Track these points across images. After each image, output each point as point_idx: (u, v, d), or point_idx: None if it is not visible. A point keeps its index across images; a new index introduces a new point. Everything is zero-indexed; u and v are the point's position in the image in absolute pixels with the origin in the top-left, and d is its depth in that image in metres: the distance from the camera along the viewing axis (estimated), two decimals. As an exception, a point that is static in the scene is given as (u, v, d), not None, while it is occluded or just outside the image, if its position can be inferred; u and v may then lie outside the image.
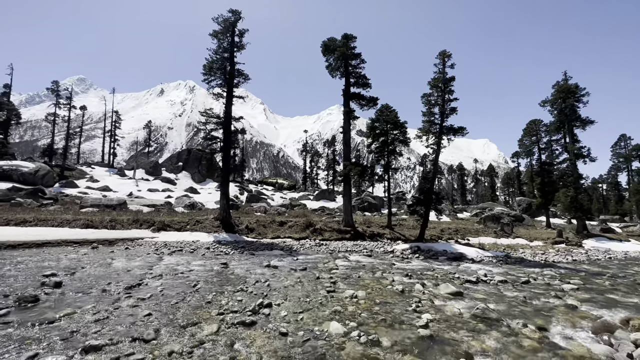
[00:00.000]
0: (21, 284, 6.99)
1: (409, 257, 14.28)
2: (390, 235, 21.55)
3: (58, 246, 12.80)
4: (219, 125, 20.05)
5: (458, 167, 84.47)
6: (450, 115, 19.35)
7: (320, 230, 20.56)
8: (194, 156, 51.92)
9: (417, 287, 8.20)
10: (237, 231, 19.04)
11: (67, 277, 7.81)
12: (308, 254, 13.98)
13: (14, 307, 5.49)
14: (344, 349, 4.44)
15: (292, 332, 4.92)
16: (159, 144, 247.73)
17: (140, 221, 18.40)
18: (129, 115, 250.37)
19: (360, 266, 11.32)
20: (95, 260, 10.26)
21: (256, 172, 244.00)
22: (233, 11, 20.80)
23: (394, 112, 23.16)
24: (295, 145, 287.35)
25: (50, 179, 34.22)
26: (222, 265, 10.26)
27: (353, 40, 22.24)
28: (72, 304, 5.81)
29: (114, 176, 43.45)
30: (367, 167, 23.94)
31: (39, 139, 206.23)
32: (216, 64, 19.81)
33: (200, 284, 7.71)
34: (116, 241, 14.42)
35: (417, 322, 5.56)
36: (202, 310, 5.75)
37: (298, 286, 7.87)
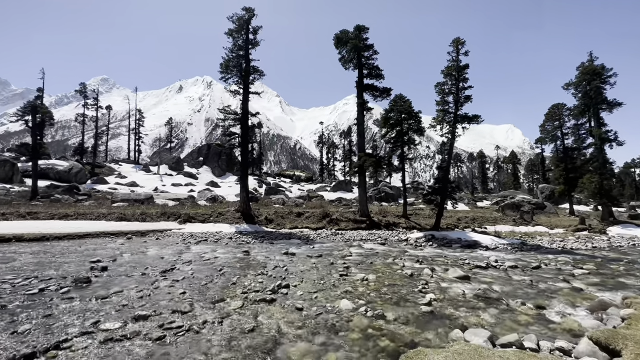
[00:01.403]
0: (74, 269, 8.06)
1: (422, 245, 14.68)
2: (406, 225, 21.88)
3: (97, 237, 14.13)
4: (237, 122, 20.90)
5: (478, 154, 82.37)
6: (465, 104, 19.24)
7: (337, 221, 21.19)
8: (213, 151, 53.59)
9: (426, 271, 8.68)
10: (257, 222, 19.99)
11: (111, 263, 8.86)
12: (324, 242, 14.67)
13: (72, 286, 6.48)
14: (352, 321, 5.06)
15: (306, 308, 5.59)
16: (180, 139, 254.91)
17: (167, 214, 19.69)
18: (150, 113, 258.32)
19: (374, 253, 11.87)
20: (131, 249, 11.38)
21: (274, 164, 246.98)
22: (247, 9, 21.36)
23: (407, 102, 23.18)
24: (312, 136, 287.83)
25: (83, 176, 36.61)
26: (243, 253, 11.12)
27: (365, 31, 22.30)
28: (119, 284, 6.75)
29: (140, 172, 45.74)
30: (382, 158, 24.20)
31: (69, 138, 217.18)
32: (232, 62, 20.55)
33: (225, 268, 8.55)
34: (147, 232, 15.66)
35: (421, 301, 6.10)
36: (228, 290, 6.54)
37: (313, 270, 8.56)
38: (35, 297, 5.78)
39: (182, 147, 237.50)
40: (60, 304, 5.47)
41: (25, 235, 12.90)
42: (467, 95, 19.02)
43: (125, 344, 4.11)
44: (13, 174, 31.52)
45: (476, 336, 4.13)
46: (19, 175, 32.00)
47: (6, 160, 32.05)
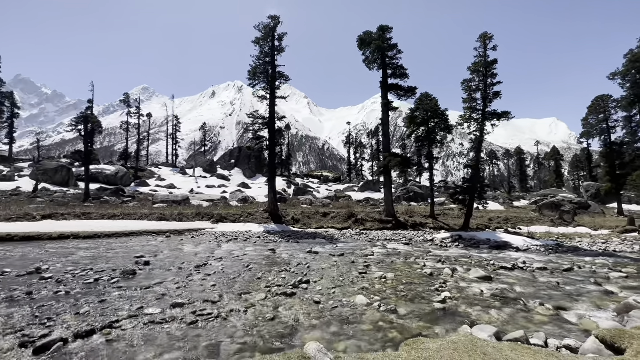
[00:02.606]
0: (122, 263, 9.11)
1: (448, 246, 14.50)
2: (433, 225, 21.55)
3: (140, 235, 15.53)
4: (264, 126, 21.81)
5: (516, 150, 77.91)
6: (494, 100, 18.62)
7: (362, 221, 21.38)
8: (244, 154, 55.67)
9: (446, 271, 8.73)
10: (284, 222, 20.73)
11: (152, 258, 9.86)
12: (348, 242, 14.99)
13: (121, 277, 7.41)
14: (365, 315, 5.39)
15: (324, 302, 6.00)
16: (213, 143, 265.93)
17: (201, 214, 21.02)
18: (186, 118, 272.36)
19: (396, 253, 12.00)
20: (170, 247, 12.47)
21: (302, 165, 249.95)
22: (272, 17, 22.22)
23: (434, 101, 22.80)
24: (340, 137, 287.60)
25: (128, 179, 39.76)
26: (270, 251, 11.77)
27: (389, 31, 22.28)
28: (159, 277, 7.60)
29: (177, 175, 48.72)
30: (407, 158, 24.00)
31: (115, 144, 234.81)
32: (259, 69, 21.49)
33: (252, 265, 9.20)
34: (184, 231, 16.91)
35: (435, 299, 6.27)
36: (254, 284, 7.13)
37: (334, 268, 8.94)
38: (92, 286, 6.73)
39: (215, 150, 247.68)
40: (111, 291, 6.35)
41: (80, 233, 14.55)
42: (496, 91, 18.41)
43: (164, 327, 4.77)
44: (69, 179, 35.03)
45: (482, 332, 4.29)
46: (73, 180, 35.51)
47: (63, 166, 35.70)
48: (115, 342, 4.27)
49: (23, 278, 7.24)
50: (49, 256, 10.02)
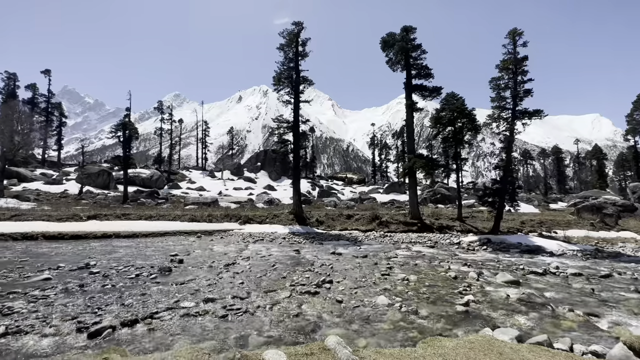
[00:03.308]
0: (158, 260, 9.82)
1: (476, 249, 14.13)
2: (461, 228, 20.99)
3: (174, 235, 16.50)
4: (289, 129, 22.34)
5: (553, 149, 73.50)
6: (525, 98, 17.89)
7: (386, 223, 21.25)
8: (269, 157, 56.94)
9: (472, 275, 8.60)
10: (309, 224, 21.08)
11: (185, 256, 10.52)
12: (371, 244, 15.04)
13: (158, 274, 8.03)
14: (386, 315, 5.52)
15: (346, 301, 6.19)
16: (240, 146, 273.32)
17: (230, 216, 21.88)
18: (214, 123, 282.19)
19: (420, 255, 11.92)
20: (201, 246, 13.19)
21: (327, 167, 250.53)
22: (296, 23, 22.76)
23: (460, 100, 22.25)
24: (365, 138, 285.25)
25: (161, 182, 42.03)
26: (295, 252, 12.12)
27: (413, 32, 22.06)
28: (192, 274, 8.15)
29: (206, 178, 50.76)
30: (432, 159, 23.57)
31: (150, 149, 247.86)
32: (284, 75, 22.08)
33: (277, 265, 9.57)
34: (213, 232, 17.73)
35: (458, 301, 6.25)
36: (279, 282, 7.46)
37: (357, 269, 9.10)
38: (133, 281, 7.37)
39: (242, 153, 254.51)
40: (151, 286, 6.93)
41: (121, 232, 15.73)
42: (526, 89, 17.69)
43: (198, 319, 5.19)
44: (109, 182, 37.66)
45: (504, 334, 4.29)
46: (113, 183, 38.12)
47: (104, 171, 38.45)
48: (155, 330, 4.73)
49: (75, 272, 8.06)
50: (95, 253, 11.00)
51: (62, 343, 4.24)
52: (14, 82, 47.88)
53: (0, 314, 5.11)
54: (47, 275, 7.51)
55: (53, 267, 8.47)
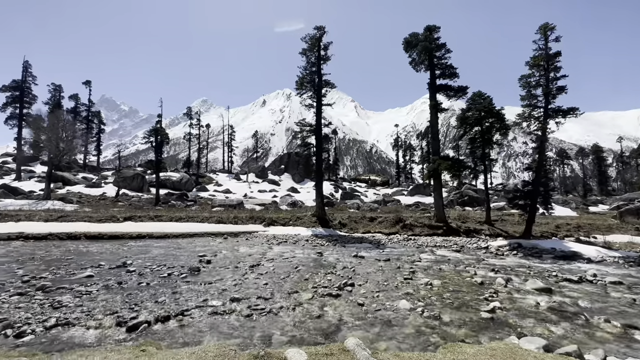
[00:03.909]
0: (188, 260, 10.34)
1: (505, 254, 13.59)
2: (489, 232, 20.22)
3: (202, 236, 17.19)
4: (311, 133, 22.60)
5: (593, 148, 68.76)
6: (558, 95, 17.00)
7: (410, 226, 20.90)
8: (293, 159, 57.73)
9: (499, 280, 8.32)
10: (332, 226, 21.17)
11: (213, 257, 10.98)
12: (395, 247, 14.88)
13: (188, 273, 8.47)
14: (407, 319, 5.51)
15: (367, 304, 6.24)
16: (264, 149, 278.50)
17: (254, 218, 22.44)
18: (240, 127, 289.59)
19: (445, 260, 11.66)
20: (227, 247, 13.67)
21: (350, 169, 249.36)
22: (318, 27, 23.04)
23: (487, 99, 21.49)
24: (388, 139, 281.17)
25: (190, 185, 43.78)
26: (317, 254, 12.27)
27: (436, 31, 21.64)
28: (219, 274, 8.51)
29: (232, 180, 52.27)
30: (459, 161, 22.90)
31: (179, 153, 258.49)
32: (306, 79, 22.40)
33: (300, 266, 9.76)
34: (239, 233, 18.28)
35: (483, 308, 6.11)
36: (302, 284, 7.63)
37: (379, 273, 9.08)
38: (166, 279, 7.83)
39: (266, 156, 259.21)
40: (181, 285, 7.34)
41: (154, 233, 16.63)
42: (560, 86, 16.80)
43: (224, 317, 5.46)
44: (143, 185, 39.80)
45: (530, 343, 4.17)
46: (146, 185, 40.24)
47: (138, 174, 40.70)
48: (186, 327, 5.04)
49: (114, 270, 8.69)
50: (131, 253, 11.74)
51: (104, 335, 4.64)
52: (59, 93, 51.89)
53: (52, 307, 5.65)
54: (89, 273, 8.15)
55: (95, 266, 9.16)
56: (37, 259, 10.17)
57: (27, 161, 43.22)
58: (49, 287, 6.79)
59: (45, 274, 8.08)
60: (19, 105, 40.60)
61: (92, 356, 3.11)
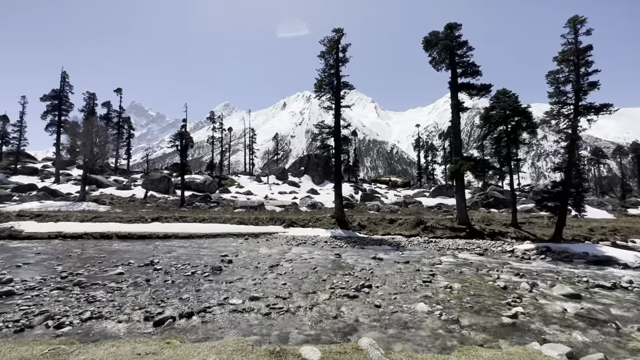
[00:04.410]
0: (210, 260, 10.71)
1: (531, 258, 13.04)
2: (515, 235, 19.45)
3: (224, 237, 17.71)
4: (330, 135, 22.71)
5: (632, 146, 64.24)
6: (590, 92, 16.12)
7: (432, 228, 20.49)
8: (312, 161, 58.08)
9: (524, 285, 8.03)
10: (351, 228, 21.14)
11: (234, 257, 11.32)
12: (414, 250, 14.66)
13: (210, 272, 8.80)
14: (425, 322, 5.47)
15: (384, 306, 6.24)
16: (285, 151, 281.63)
17: (274, 219, 22.81)
18: (260, 130, 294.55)
19: (467, 263, 11.36)
20: (248, 248, 14.02)
21: (370, 170, 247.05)
22: (336, 30, 23.15)
23: (513, 97, 20.73)
24: (409, 140, 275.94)
25: (213, 187, 45.08)
26: (336, 256, 12.33)
27: (457, 28, 21.14)
28: (239, 274, 8.78)
29: (253, 182, 53.31)
30: (484, 161, 22.21)
31: (203, 156, 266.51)
32: (325, 82, 22.55)
33: (318, 267, 9.86)
34: (259, 234, 18.66)
35: (505, 313, 5.93)
36: (319, 285, 7.73)
37: (397, 275, 9.02)
38: (189, 278, 8.18)
39: (286, 158, 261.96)
40: (204, 283, 7.65)
41: (179, 233, 17.33)
42: (591, 81, 15.92)
43: (244, 315, 5.66)
44: (169, 187, 41.46)
45: (553, 350, 4.04)
46: (172, 188, 41.88)
47: (165, 177, 42.44)
48: (208, 323, 5.27)
49: (142, 268, 9.17)
50: (158, 252, 12.31)
51: (133, 328, 4.95)
52: (93, 100, 55.12)
53: (87, 301, 6.08)
54: (120, 270, 8.66)
55: (125, 263, 9.71)
56: (73, 256, 10.92)
57: (65, 165, 46.18)
58: (84, 282, 7.30)
59: (81, 270, 8.67)
60: (57, 113, 43.50)
61: (122, 346, 3.36)
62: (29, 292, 6.61)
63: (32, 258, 10.43)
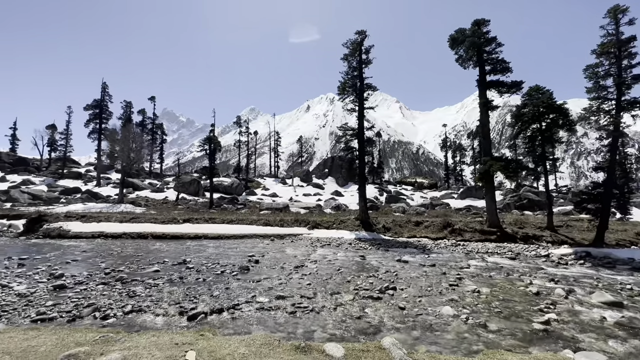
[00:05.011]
0: (238, 260, 11.14)
1: (569, 264, 12.33)
2: (551, 239, 18.42)
3: (251, 238, 18.24)
4: (354, 137, 22.72)
5: (687, 143, 58.54)
6: (634, 85, 15.01)
7: (460, 231, 19.89)
8: (336, 163, 58.15)
9: (558, 291, 7.67)
10: (375, 230, 20.99)
11: (260, 258, 11.68)
12: (441, 253, 14.34)
13: (238, 271, 9.17)
14: (450, 325, 5.41)
15: (408, 308, 6.23)
16: (309, 153, 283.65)
17: (299, 221, 23.14)
18: (285, 133, 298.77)
19: (497, 267, 10.97)
20: (274, 249, 14.38)
21: (395, 171, 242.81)
22: (359, 32, 23.17)
23: (547, 94, 19.69)
24: (436, 140, 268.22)
25: (240, 189, 46.40)
26: (360, 257, 12.35)
27: (486, 24, 20.47)
28: (266, 273, 9.08)
29: (278, 185, 54.25)
30: (516, 161, 21.29)
31: (230, 159, 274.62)
32: (348, 84, 22.62)
33: (342, 269, 9.96)
34: (285, 236, 19.03)
35: (537, 319, 5.72)
36: (343, 286, 7.83)
37: (422, 278, 8.91)
38: (219, 276, 8.58)
39: (310, 160, 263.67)
40: (233, 281, 8.00)
41: (208, 234, 18.08)
42: (635, 74, 14.82)
43: (271, 313, 5.88)
44: (199, 189, 43.23)
45: (587, 358, 3.89)
46: (202, 190, 43.62)
47: (195, 180, 44.31)
48: (237, 319, 5.54)
49: (176, 266, 9.73)
50: (190, 251, 12.96)
51: (170, 322, 5.32)
52: (129, 108, 58.72)
53: (128, 295, 6.59)
54: (156, 268, 9.24)
55: (160, 262, 10.34)
56: (114, 254, 11.76)
57: (105, 170, 49.51)
58: (125, 278, 7.89)
59: (121, 267, 9.36)
60: (98, 121, 46.79)
61: (162, 336, 3.67)
62: (78, 286, 7.25)
63: (79, 255, 11.37)
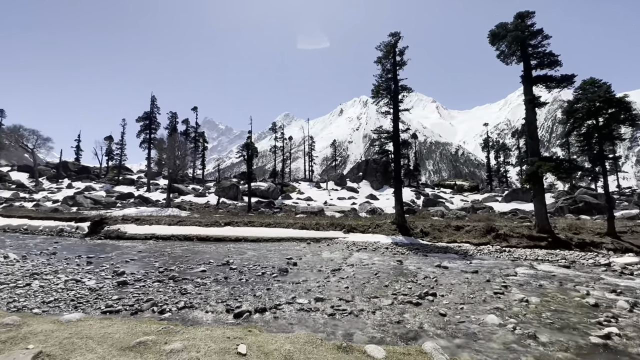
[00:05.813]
0: (277, 262, 11.54)
1: (634, 274, 11.12)
2: (613, 246, 16.70)
3: (288, 241, 18.72)
4: (389, 139, 22.46)
5: None
6: None
7: (505, 236, 18.75)
8: (371, 166, 57.58)
9: (621, 304, 7.00)
10: (412, 234, 20.49)
11: (298, 260, 11.99)
12: (484, 259, 13.66)
13: (278, 273, 9.53)
14: (495, 334, 5.21)
15: (450, 315, 6.08)
16: (342, 157, 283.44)
17: (334, 225, 23.28)
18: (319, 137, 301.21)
19: (548, 276, 10.23)
20: (310, 252, 14.66)
21: (433, 174, 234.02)
22: (393, 34, 22.95)
23: (604, 87, 18.00)
24: (477, 139, 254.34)
25: (276, 193, 47.67)
26: (397, 262, 12.18)
27: (530, 17, 19.27)
28: (304, 276, 9.33)
29: (313, 189, 54.91)
30: (567, 161, 19.65)
31: (266, 164, 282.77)
32: (382, 86, 22.46)
33: (380, 273, 9.91)
34: (320, 239, 19.28)
35: (595, 333, 5.31)
36: (381, 290, 7.82)
37: (464, 285, 8.59)
38: (260, 277, 8.99)
39: (344, 163, 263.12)
40: (273, 283, 8.34)
41: (248, 237, 18.87)
42: None
43: (310, 314, 6.08)
44: (237, 194, 45.17)
45: (654, 377, 3.57)
46: (240, 194, 45.52)
47: (234, 185, 46.37)
48: (279, 319, 5.81)
49: (220, 267, 10.34)
50: (232, 253, 13.65)
51: (218, 318, 5.73)
52: (175, 119, 63.15)
53: (180, 293, 7.18)
54: (203, 268, 9.90)
55: (206, 263, 11.05)
56: (166, 255, 12.76)
57: (154, 176, 53.60)
58: (177, 277, 8.57)
59: (173, 267, 10.15)
60: (148, 131, 50.90)
61: (215, 330, 4.01)
62: (137, 282, 8.03)
63: (135, 255, 12.50)
